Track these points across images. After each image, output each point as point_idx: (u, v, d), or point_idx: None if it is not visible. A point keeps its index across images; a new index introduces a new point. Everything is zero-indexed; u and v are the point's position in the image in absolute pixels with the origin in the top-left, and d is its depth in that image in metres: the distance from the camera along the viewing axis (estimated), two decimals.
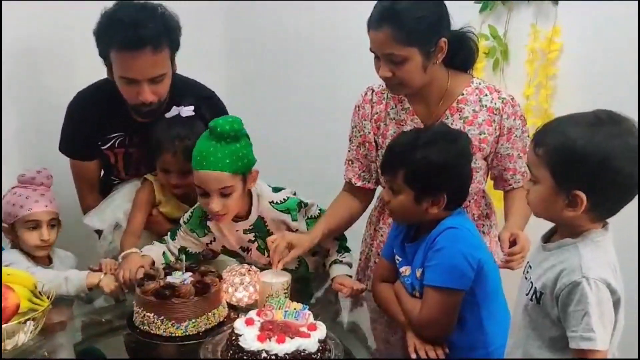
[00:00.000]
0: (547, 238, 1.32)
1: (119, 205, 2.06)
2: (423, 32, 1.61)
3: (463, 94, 1.75)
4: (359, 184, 1.91)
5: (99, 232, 2.10)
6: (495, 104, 1.74)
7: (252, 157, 1.78)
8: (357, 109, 1.88)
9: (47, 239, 1.85)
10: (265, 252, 1.88)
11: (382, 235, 1.94)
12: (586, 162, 1.17)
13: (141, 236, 2.00)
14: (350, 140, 1.92)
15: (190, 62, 2.02)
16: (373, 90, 1.85)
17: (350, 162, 1.92)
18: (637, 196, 2.03)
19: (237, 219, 1.86)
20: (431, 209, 1.52)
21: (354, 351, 1.57)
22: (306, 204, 1.90)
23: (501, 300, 1.60)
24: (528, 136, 1.80)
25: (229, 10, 2.96)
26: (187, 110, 1.94)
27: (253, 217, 1.87)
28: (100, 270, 1.85)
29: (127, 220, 2.01)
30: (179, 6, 1.98)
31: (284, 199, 1.87)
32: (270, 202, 1.86)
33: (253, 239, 1.90)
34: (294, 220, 1.86)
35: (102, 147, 2.07)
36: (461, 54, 1.76)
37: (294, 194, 1.91)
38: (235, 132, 1.72)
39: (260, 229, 1.89)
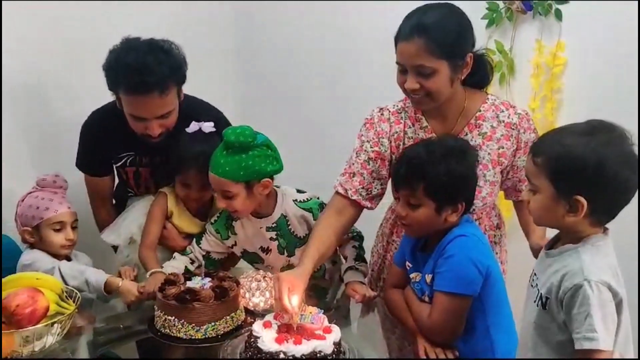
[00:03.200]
0: (551, 246, 1.39)
1: (134, 219, 2.11)
2: (454, 45, 1.65)
3: (480, 111, 1.79)
4: (355, 197, 1.84)
5: (114, 247, 2.16)
6: (512, 119, 1.79)
7: (261, 168, 1.83)
8: (371, 125, 1.85)
9: (72, 239, 1.93)
10: (285, 252, 1.97)
11: (395, 248, 1.96)
12: (584, 168, 1.24)
13: (157, 249, 2.06)
14: (356, 153, 1.87)
15: (200, 71, 2.07)
16: (389, 111, 1.85)
17: (351, 175, 1.86)
18: (637, 198, 2.11)
19: (261, 216, 1.95)
20: (450, 217, 1.59)
21: (365, 355, 1.63)
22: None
23: (506, 308, 1.66)
24: None
25: (238, 14, 3.03)
26: (208, 126, 1.98)
27: (276, 215, 1.95)
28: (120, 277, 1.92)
29: (142, 234, 2.06)
30: (189, 12, 2.01)
31: (307, 199, 1.98)
32: (294, 200, 1.96)
33: (275, 237, 1.97)
34: (315, 219, 1.94)
35: (115, 165, 2.15)
36: (478, 73, 1.79)
37: (317, 198, 2.01)
38: (240, 144, 1.79)
39: (282, 227, 1.96)
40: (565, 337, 1.29)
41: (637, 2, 2.11)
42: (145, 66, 1.86)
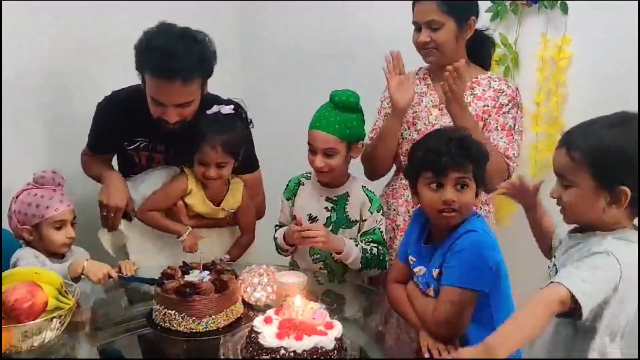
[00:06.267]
0: (575, 230, 1.39)
1: (153, 183, 2.13)
2: (460, 7, 2.00)
3: (477, 78, 2.09)
4: None
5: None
6: (501, 87, 2.06)
7: (361, 131, 2.00)
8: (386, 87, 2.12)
9: (73, 236, 1.91)
10: (331, 227, 2.02)
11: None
12: (627, 158, 1.25)
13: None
14: (378, 112, 2.22)
15: None
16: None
17: (377, 130, 2.17)
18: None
19: (329, 185, 2.05)
20: (477, 200, 1.62)
21: (367, 350, 1.61)
22: (383, 215, 2.04)
23: (511, 304, 1.64)
24: (513, 121, 2.02)
25: (241, 13, 3.03)
26: (227, 109, 2.04)
27: (342, 190, 2.04)
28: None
29: (149, 200, 2.10)
30: (192, 7, 2.01)
31: (373, 192, 2.05)
32: (362, 185, 2.05)
33: (329, 209, 2.04)
34: (370, 212, 2.00)
35: (127, 147, 2.14)
36: (481, 49, 2.12)
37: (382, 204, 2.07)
38: (349, 104, 1.96)
39: (341, 204, 2.04)
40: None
41: None
42: (174, 52, 1.86)
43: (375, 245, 1.99)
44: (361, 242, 2.00)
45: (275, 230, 2.15)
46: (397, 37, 2.11)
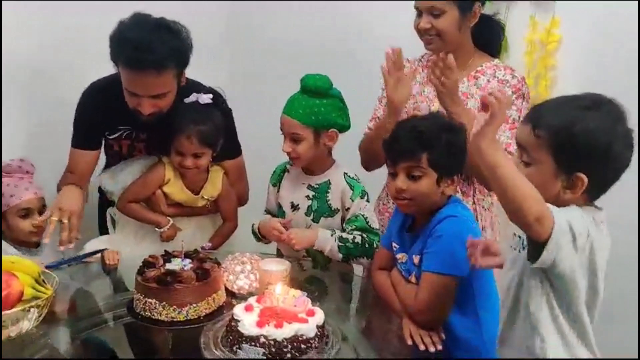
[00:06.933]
0: None
1: (132, 172, 2.11)
2: None
3: (482, 67, 2.00)
4: None
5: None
6: (506, 77, 1.96)
7: (332, 118, 1.91)
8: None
9: (40, 225, 1.88)
10: (312, 215, 1.99)
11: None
12: (594, 145, 1.19)
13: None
14: (379, 100, 2.14)
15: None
16: (407, 59, 2.05)
17: (376, 119, 2.11)
18: (637, 196, 2.07)
19: (310, 172, 2.01)
20: (447, 190, 1.58)
21: (350, 338, 1.58)
22: (367, 201, 1.96)
23: (494, 290, 1.61)
24: (518, 113, 1.93)
25: (231, 8, 2.98)
26: (205, 98, 2.01)
27: (323, 178, 2.00)
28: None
29: (127, 191, 2.09)
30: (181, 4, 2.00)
31: (355, 178, 1.99)
32: (344, 172, 1.99)
33: (311, 197, 2.00)
34: (352, 199, 1.95)
35: (109, 137, 2.11)
36: (488, 35, 2.02)
37: (366, 190, 1.98)
38: (316, 89, 1.89)
39: (322, 192, 1.99)
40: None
41: None
42: (147, 43, 1.84)
43: (359, 232, 1.93)
44: (345, 230, 1.96)
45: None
46: (393, 30, 2.08)
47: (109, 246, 2.04)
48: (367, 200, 1.97)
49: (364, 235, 1.93)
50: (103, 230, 2.25)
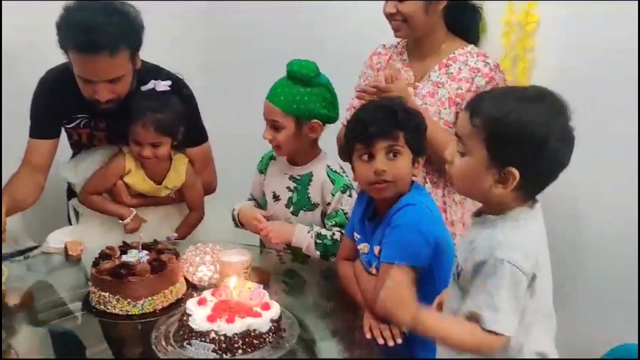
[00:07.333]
0: (478, 214, 1.27)
1: (94, 163, 2.05)
2: None
3: (454, 54, 1.93)
4: None
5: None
6: (478, 65, 1.90)
7: (315, 108, 1.81)
8: (366, 61, 2.09)
9: None
10: (291, 207, 1.93)
11: None
12: (529, 139, 1.12)
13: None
14: (355, 89, 2.04)
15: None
16: (384, 45, 2.08)
17: (353, 107, 2.00)
18: (636, 196, 2.02)
19: (294, 163, 1.93)
20: (415, 172, 1.55)
21: (313, 330, 1.53)
22: (350, 195, 1.85)
23: None
24: None
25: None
26: (163, 85, 1.95)
27: (306, 169, 1.92)
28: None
29: (87, 183, 2.04)
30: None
31: (339, 172, 1.89)
32: (328, 165, 1.90)
33: (292, 188, 1.93)
34: (332, 194, 1.86)
35: (67, 126, 2.05)
36: (464, 20, 1.95)
37: (351, 188, 1.88)
38: (301, 75, 1.79)
39: (303, 184, 1.91)
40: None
41: None
42: (95, 25, 1.78)
43: (339, 229, 1.83)
44: (325, 226, 1.88)
45: None
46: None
47: (73, 238, 1.99)
48: (350, 195, 1.86)
49: (344, 232, 1.82)
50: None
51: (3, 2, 2.22)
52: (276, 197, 1.97)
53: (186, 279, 1.70)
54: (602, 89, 2.02)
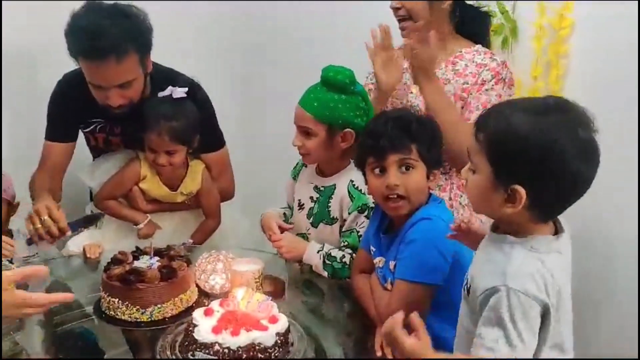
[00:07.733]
0: (495, 228, 1.19)
1: (112, 168, 2.05)
2: None
3: (461, 52, 1.95)
4: None
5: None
6: (484, 60, 1.91)
7: (349, 116, 1.75)
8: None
9: None
10: (311, 218, 1.88)
11: None
12: (527, 153, 1.04)
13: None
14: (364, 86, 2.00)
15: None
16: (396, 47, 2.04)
17: None
18: (636, 197, 1.91)
19: (321, 173, 1.88)
20: (431, 185, 1.50)
21: (325, 345, 1.48)
22: (367, 217, 1.75)
23: None
24: (498, 98, 1.86)
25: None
26: (179, 92, 1.92)
27: (332, 181, 1.85)
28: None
29: (103, 188, 2.04)
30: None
31: (361, 190, 1.77)
32: (351, 180, 1.80)
33: (315, 199, 1.88)
34: (349, 212, 1.78)
35: (84, 130, 2.06)
36: (472, 23, 1.97)
37: (370, 209, 1.76)
38: (336, 82, 1.73)
39: (325, 196, 1.85)
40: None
41: None
42: (100, 31, 1.76)
43: (350, 252, 1.75)
44: (340, 244, 1.81)
45: None
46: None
47: (92, 241, 1.99)
48: (367, 216, 1.75)
49: (354, 255, 1.74)
50: None
51: (3, 2, 2.21)
52: (301, 206, 1.92)
53: (198, 287, 1.67)
54: None
